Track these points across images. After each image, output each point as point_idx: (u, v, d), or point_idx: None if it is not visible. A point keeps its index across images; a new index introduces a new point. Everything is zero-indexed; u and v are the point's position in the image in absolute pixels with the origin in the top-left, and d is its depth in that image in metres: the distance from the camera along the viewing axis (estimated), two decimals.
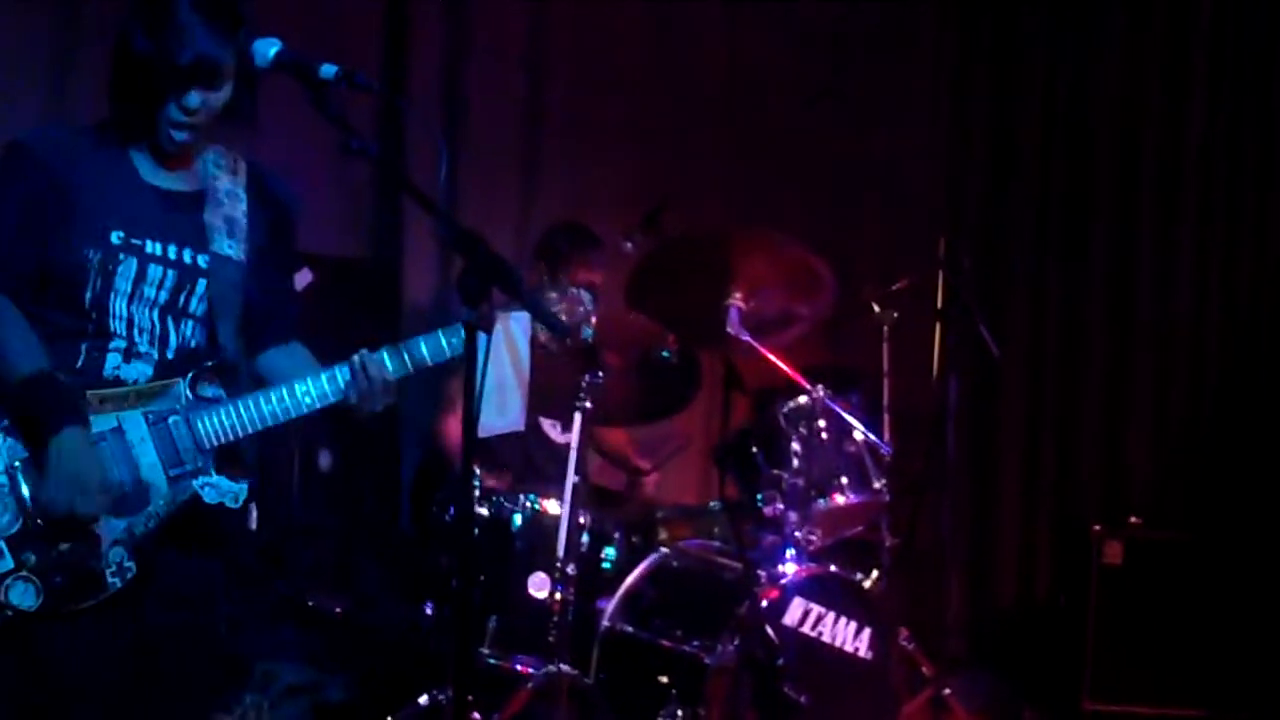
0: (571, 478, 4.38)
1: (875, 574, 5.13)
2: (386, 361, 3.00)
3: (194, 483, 2.93)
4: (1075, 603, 6.12)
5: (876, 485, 4.82)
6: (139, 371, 2.96)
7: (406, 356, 3.03)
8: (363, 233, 6.03)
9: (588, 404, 4.42)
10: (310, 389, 3.00)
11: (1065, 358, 6.84)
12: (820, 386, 4.73)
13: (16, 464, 2.84)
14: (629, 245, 5.12)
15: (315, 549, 5.60)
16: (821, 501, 4.71)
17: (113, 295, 2.93)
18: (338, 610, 5.32)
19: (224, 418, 2.95)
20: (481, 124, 6.11)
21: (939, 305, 5.68)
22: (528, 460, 5.11)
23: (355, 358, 3.00)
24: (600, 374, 4.43)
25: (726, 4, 6.66)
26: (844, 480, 4.77)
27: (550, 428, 5.19)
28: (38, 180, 2.92)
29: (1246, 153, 6.74)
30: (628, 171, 6.35)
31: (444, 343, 3.01)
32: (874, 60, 6.80)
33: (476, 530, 4.47)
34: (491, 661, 4.39)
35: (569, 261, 5.20)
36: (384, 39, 5.97)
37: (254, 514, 4.81)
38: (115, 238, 2.92)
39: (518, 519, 4.61)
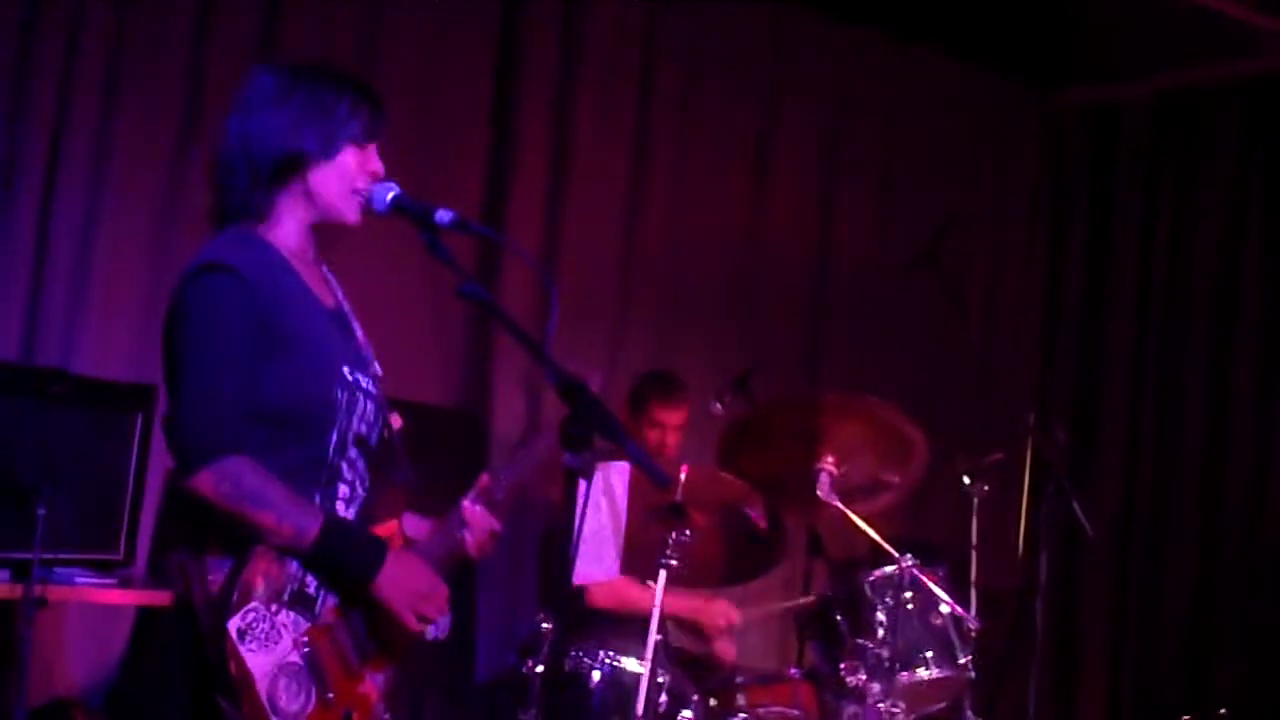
0: (654, 635, 4.33)
1: None
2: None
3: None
4: None
5: (961, 660, 4.73)
6: (353, 517, 2.86)
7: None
8: (453, 380, 6.07)
9: (674, 562, 4.39)
10: None
11: (1154, 540, 6.73)
12: (908, 556, 4.68)
13: (304, 638, 2.70)
14: (718, 406, 5.12)
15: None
16: (905, 674, 4.62)
17: (350, 438, 2.83)
18: None
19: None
20: (574, 274, 6.18)
21: (1029, 480, 5.61)
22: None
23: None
24: (687, 532, 4.40)
25: (822, 176, 6.75)
26: (929, 654, 4.69)
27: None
28: (258, 310, 2.72)
29: None
30: (716, 332, 6.39)
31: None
32: (966, 234, 6.83)
33: (555, 685, 4.44)
34: None
35: (648, 402, 5.24)
36: (484, 186, 6.08)
37: None
38: (349, 373, 2.82)
39: (596, 675, 4.56)
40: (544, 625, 4.57)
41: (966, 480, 5.38)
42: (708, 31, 6.47)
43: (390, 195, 2.89)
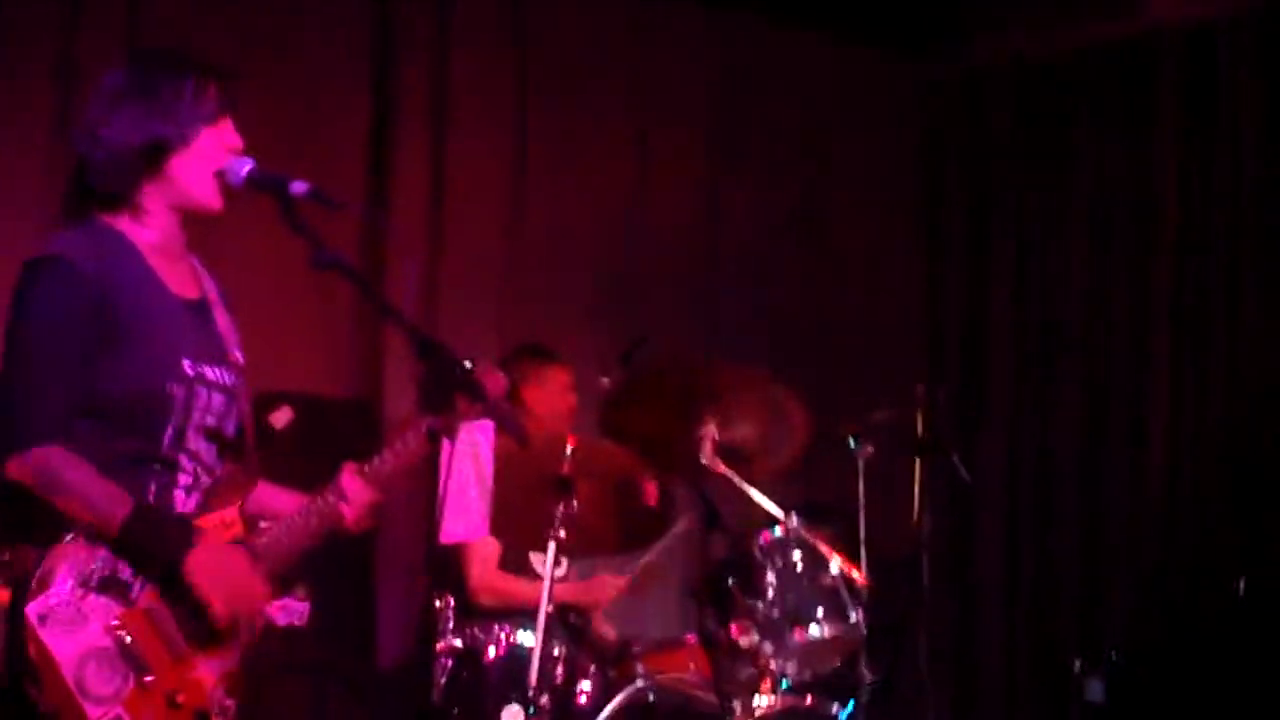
0: (545, 608, 4.36)
1: (853, 708, 5.07)
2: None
3: (268, 609, 2.90)
4: None
5: (853, 619, 4.79)
6: (194, 504, 2.87)
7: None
8: (343, 370, 6.07)
9: (561, 533, 4.42)
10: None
11: (1041, 493, 6.87)
12: (794, 516, 4.74)
13: (115, 622, 2.69)
14: (606, 381, 5.15)
15: (291, 686, 5.54)
16: (797, 632, 4.69)
17: (189, 430, 2.84)
18: None
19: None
20: (460, 255, 6.21)
21: (917, 439, 5.68)
22: None
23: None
24: (575, 503, 4.43)
25: (708, 146, 6.81)
26: (820, 612, 4.75)
27: (539, 564, 5.20)
28: (93, 303, 2.75)
29: (1216, 299, 6.78)
30: (603, 309, 6.44)
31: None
32: (851, 201, 6.93)
33: (451, 662, 4.48)
34: None
35: (526, 377, 5.28)
36: (367, 166, 6.10)
37: None
38: (189, 368, 2.84)
39: (492, 650, 4.59)
40: (436, 604, 4.60)
41: (851, 442, 5.44)
42: (579, 15, 6.53)
43: (245, 169, 2.91)
